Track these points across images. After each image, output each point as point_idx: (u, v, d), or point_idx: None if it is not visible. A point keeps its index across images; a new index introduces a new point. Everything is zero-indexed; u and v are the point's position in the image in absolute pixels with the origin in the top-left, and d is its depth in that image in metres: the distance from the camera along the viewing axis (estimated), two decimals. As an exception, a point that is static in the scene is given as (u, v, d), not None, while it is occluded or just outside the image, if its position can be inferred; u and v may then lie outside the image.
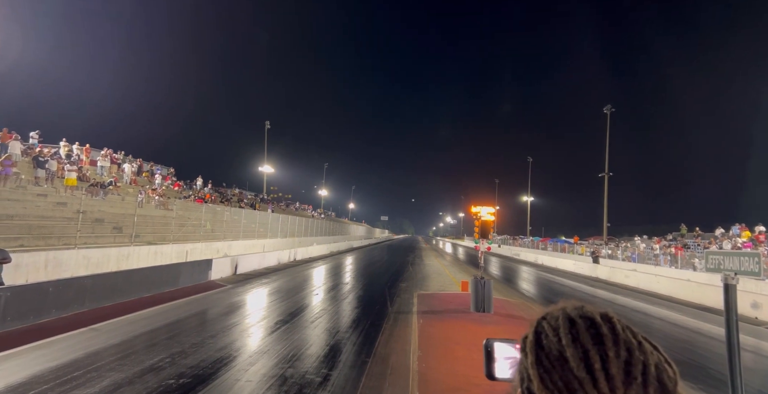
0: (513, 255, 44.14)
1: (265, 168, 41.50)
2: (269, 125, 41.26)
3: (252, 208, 31.79)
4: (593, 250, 31.71)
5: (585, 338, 0.52)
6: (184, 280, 13.13)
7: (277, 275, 17.65)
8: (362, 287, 15.16)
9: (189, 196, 26.49)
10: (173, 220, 17.35)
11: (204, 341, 7.34)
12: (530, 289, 18.03)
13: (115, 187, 18.42)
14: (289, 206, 53.02)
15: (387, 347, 7.38)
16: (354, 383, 5.59)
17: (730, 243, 22.16)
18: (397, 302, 11.94)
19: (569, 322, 0.54)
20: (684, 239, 27.99)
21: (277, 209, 41.54)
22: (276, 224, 28.49)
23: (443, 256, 38.83)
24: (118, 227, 14.97)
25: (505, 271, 26.63)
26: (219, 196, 32.30)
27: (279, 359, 6.52)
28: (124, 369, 5.80)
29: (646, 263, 25.36)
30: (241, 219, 23.65)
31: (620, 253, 29.76)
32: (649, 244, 29.32)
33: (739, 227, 24.14)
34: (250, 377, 5.70)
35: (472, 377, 5.84)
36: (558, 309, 0.59)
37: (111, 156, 22.66)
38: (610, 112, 35.51)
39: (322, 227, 41.79)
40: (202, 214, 20.16)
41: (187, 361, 6.25)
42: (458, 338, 8.05)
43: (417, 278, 18.42)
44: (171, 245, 15.93)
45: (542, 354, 0.53)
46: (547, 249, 41.37)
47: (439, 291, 14.22)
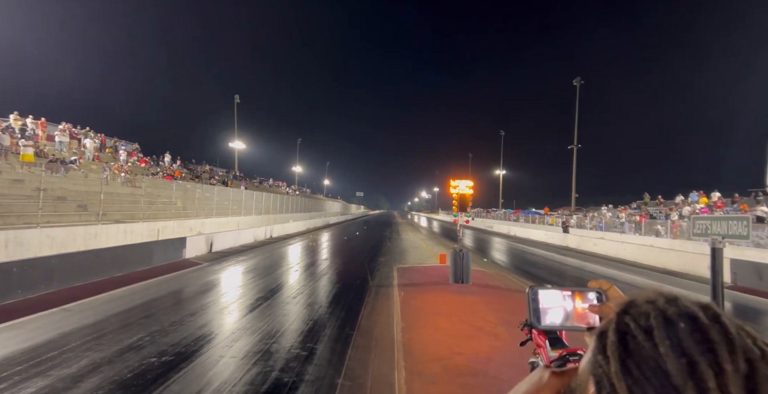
0: (487, 227, 45.23)
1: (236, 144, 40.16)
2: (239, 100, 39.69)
3: (224, 185, 30.97)
4: (563, 220, 32.81)
5: (690, 346, 0.40)
6: (157, 258, 12.77)
7: (254, 252, 17.44)
8: (342, 263, 15.20)
9: (157, 173, 25.47)
10: (142, 197, 16.66)
11: (183, 319, 7.20)
12: (505, 259, 18.56)
13: (78, 165, 17.44)
14: (262, 182, 52.01)
15: (370, 320, 7.46)
16: (340, 356, 5.63)
17: (689, 209, 23.34)
18: (377, 276, 12.04)
19: (665, 321, 0.43)
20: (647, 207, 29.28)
21: (250, 186, 40.64)
22: (250, 201, 27.93)
23: (419, 230, 39.35)
24: (82, 205, 14.26)
25: (480, 243, 27.27)
26: (189, 173, 31.25)
27: (263, 335, 6.47)
28: (102, 349, 5.63)
29: (613, 231, 26.51)
30: (213, 196, 23.00)
31: (588, 222, 30.92)
32: (615, 213, 30.53)
33: (697, 194, 25.38)
34: (235, 353, 5.64)
35: (455, 346, 5.99)
36: (644, 300, 0.47)
37: (71, 131, 21.33)
38: (580, 84, 35.94)
39: (297, 203, 41.32)
40: (173, 191, 19.46)
41: (167, 339, 6.12)
42: (439, 309, 8.22)
43: (395, 252, 18.61)
44: (141, 223, 15.36)
45: (631, 362, 0.42)
46: (519, 221, 42.54)
47: (417, 264, 14.42)
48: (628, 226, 25.70)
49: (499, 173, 57.47)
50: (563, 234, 27.45)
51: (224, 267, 13.22)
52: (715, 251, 2.55)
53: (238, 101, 39.95)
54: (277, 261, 15.27)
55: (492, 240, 29.99)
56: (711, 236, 2.52)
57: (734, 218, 2.65)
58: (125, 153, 24.81)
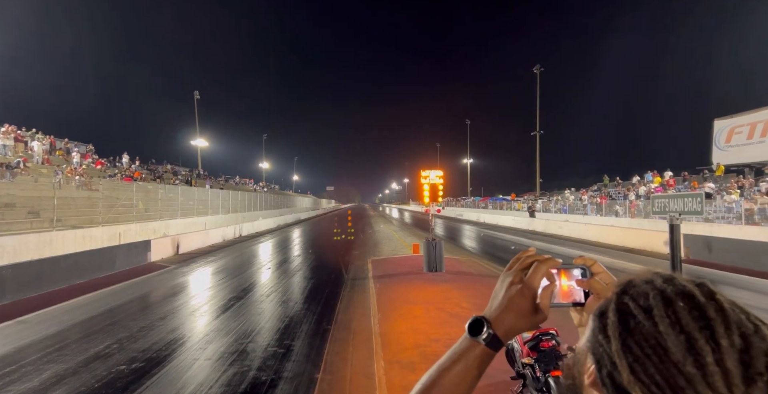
0: (457, 216, 46.05)
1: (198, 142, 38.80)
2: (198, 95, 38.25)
3: (188, 184, 29.90)
4: (529, 205, 33.82)
5: (688, 323, 0.42)
6: (121, 263, 12.24)
7: (223, 252, 17.02)
8: (315, 258, 15.08)
9: (115, 174, 24.29)
10: (100, 201, 15.84)
11: (153, 324, 6.95)
12: (476, 246, 18.97)
13: (24, 168, 16.35)
14: (228, 180, 50.62)
15: (347, 313, 7.45)
16: (318, 351, 5.61)
17: (645, 188, 24.60)
18: (352, 269, 12.02)
19: (663, 300, 0.44)
20: (607, 189, 30.63)
21: (215, 184, 39.46)
22: (216, 200, 27.15)
23: (391, 221, 39.56)
24: (34, 211, 13.42)
25: (451, 231, 27.72)
26: (149, 173, 29.97)
27: (238, 335, 6.35)
28: (65, 360, 5.35)
29: (576, 213, 27.60)
30: (177, 197, 22.17)
31: (553, 206, 32.04)
32: (577, 196, 31.79)
33: (652, 174, 26.76)
34: (209, 355, 5.51)
35: (431, 334, 6.09)
36: (642, 280, 0.48)
37: (15, 134, 19.95)
38: (540, 71, 36.92)
39: (266, 200, 40.53)
40: (133, 193, 18.60)
41: (137, 345, 5.90)
42: (415, 298, 8.31)
43: (369, 244, 18.63)
44: (101, 227, 14.62)
45: (631, 341, 0.43)
46: (488, 207, 43.57)
47: (391, 255, 14.51)
48: (590, 208, 26.82)
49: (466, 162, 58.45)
50: (530, 219, 28.32)
51: (193, 269, 12.83)
52: (673, 228, 2.67)
53: (198, 97, 38.55)
54: (248, 260, 14.97)
55: (462, 228, 30.55)
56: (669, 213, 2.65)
57: (689, 195, 2.79)
58: (78, 155, 23.49)
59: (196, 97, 38.25)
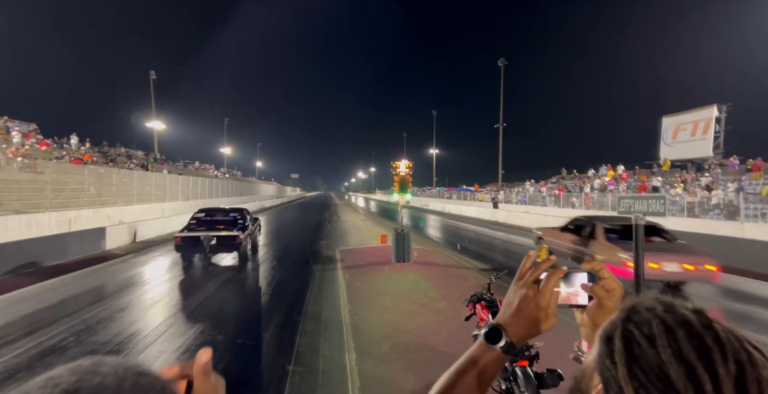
0: (423, 206, 46.66)
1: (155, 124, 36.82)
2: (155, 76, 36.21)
3: (144, 169, 28.48)
4: (493, 196, 34.82)
5: (688, 352, 0.46)
6: (73, 251, 11.57)
7: (184, 239, 16.42)
8: (282, 248, 14.89)
9: (63, 156, 22.76)
10: (47, 184, 14.80)
11: (113, 316, 6.66)
12: (441, 236, 19.35)
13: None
14: (187, 165, 48.62)
15: (317, 304, 7.44)
16: (289, 343, 5.58)
17: (599, 182, 25.93)
18: (320, 259, 11.97)
19: (665, 329, 0.48)
20: (564, 181, 32.03)
21: (174, 169, 37.85)
22: (176, 186, 26.05)
23: (357, 211, 39.54)
24: (-28, 195, 12.39)
25: (418, 221, 28.10)
26: (101, 156, 28.30)
27: (205, 326, 6.20)
28: (17, 354, 5.04)
29: (536, 204, 28.69)
30: (133, 182, 21.07)
31: (514, 197, 33.15)
32: (537, 188, 33.03)
33: (606, 168, 28.21)
34: (176, 347, 5.36)
35: (402, 324, 6.21)
36: (644, 307, 0.53)
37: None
38: (504, 65, 37.65)
39: (228, 187, 39.34)
40: (85, 177, 17.50)
41: (96, 338, 5.65)
42: (384, 288, 8.42)
43: (336, 234, 18.57)
44: (48, 213, 13.69)
45: (636, 367, 0.47)
46: (453, 198, 44.45)
47: (359, 246, 14.55)
48: (549, 199, 27.99)
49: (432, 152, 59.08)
50: (493, 209, 29.15)
51: (152, 257, 12.33)
52: (637, 227, 2.85)
53: (155, 78, 36.51)
54: (211, 248, 14.54)
55: (428, 218, 31.03)
56: (634, 213, 2.82)
57: (653, 197, 2.97)
58: (20, 135, 21.79)
59: (152, 77, 36.20)
